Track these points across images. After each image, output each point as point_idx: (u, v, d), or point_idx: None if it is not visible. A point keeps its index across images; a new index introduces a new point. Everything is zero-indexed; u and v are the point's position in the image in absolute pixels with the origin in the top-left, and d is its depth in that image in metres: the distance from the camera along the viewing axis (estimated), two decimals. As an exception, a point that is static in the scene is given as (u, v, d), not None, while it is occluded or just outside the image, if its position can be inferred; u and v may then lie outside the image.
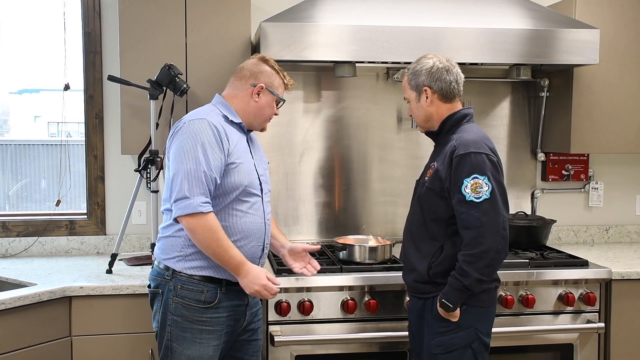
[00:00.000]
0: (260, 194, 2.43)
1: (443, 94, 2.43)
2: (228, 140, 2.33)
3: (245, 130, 2.47)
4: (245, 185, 2.36)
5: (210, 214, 2.25)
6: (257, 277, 2.30)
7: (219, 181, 2.29)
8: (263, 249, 2.45)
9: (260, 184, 2.45)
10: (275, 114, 2.52)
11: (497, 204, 2.28)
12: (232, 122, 2.40)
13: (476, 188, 2.27)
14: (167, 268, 2.36)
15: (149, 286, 2.44)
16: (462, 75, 2.47)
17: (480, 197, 2.26)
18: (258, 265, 2.41)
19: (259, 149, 2.57)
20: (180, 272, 2.33)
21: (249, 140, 2.50)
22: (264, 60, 2.48)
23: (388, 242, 3.06)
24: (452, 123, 2.43)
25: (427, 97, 2.44)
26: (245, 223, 2.36)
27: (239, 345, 2.50)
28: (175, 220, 2.28)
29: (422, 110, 2.47)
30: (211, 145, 2.27)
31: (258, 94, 2.43)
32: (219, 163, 2.28)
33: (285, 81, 2.50)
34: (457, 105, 2.47)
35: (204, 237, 2.24)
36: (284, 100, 2.51)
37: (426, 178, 2.45)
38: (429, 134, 2.54)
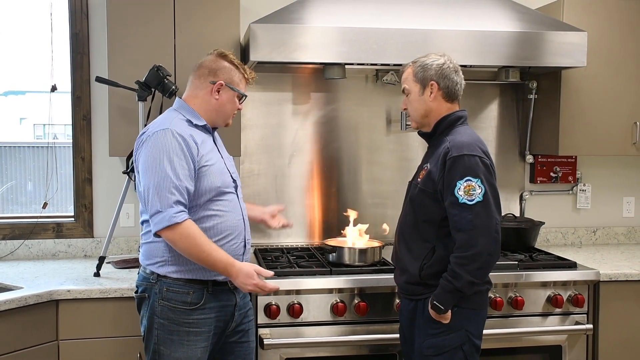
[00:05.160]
0: (234, 191, 2.44)
1: (447, 93, 2.42)
2: (196, 145, 2.31)
3: (210, 130, 2.46)
4: (219, 185, 2.35)
5: (186, 222, 2.23)
6: (248, 276, 2.27)
7: (191, 189, 2.28)
8: (245, 245, 2.44)
9: (234, 180, 2.45)
10: (239, 109, 2.48)
11: (489, 206, 2.28)
12: (196, 126, 2.38)
13: (469, 190, 2.27)
14: (152, 272, 2.35)
15: (136, 291, 2.43)
16: (464, 82, 2.48)
17: (473, 200, 2.26)
18: (242, 261, 2.39)
19: (222, 145, 2.56)
20: (165, 276, 2.33)
21: (215, 140, 2.49)
22: (223, 56, 2.44)
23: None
24: (446, 125, 2.43)
25: (431, 93, 2.42)
26: (225, 222, 2.36)
27: (229, 347, 2.49)
28: (156, 235, 2.27)
29: (422, 104, 2.45)
30: (177, 155, 2.25)
31: (218, 92, 2.40)
32: (187, 172, 2.27)
33: (246, 75, 2.45)
34: (456, 108, 2.47)
35: (185, 246, 2.23)
36: (246, 96, 2.47)
37: (419, 179, 2.44)
38: (422, 135, 2.54)
